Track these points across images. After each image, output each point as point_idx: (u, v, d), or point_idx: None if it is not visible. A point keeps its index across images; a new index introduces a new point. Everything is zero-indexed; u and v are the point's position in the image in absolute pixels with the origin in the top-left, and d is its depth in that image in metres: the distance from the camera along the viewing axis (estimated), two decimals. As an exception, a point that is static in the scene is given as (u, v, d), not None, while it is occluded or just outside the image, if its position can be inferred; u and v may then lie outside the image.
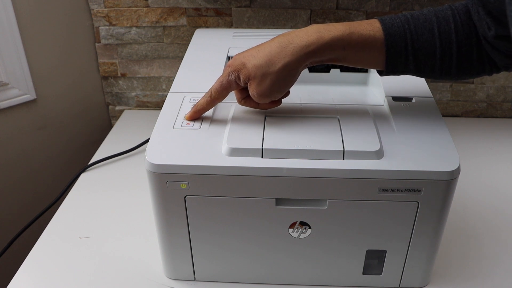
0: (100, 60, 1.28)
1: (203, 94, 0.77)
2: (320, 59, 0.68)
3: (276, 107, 0.75)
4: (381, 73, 0.71)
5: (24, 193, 1.25)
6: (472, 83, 1.25)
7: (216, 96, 0.72)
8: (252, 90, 0.69)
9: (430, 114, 0.76)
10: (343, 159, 0.67)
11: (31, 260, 0.85)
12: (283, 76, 0.68)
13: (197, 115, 0.74)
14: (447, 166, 0.66)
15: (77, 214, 0.96)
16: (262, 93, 0.68)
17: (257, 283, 0.80)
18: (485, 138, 1.21)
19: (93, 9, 1.21)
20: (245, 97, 0.73)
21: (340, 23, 0.68)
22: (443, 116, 0.75)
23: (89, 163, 1.10)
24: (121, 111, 1.35)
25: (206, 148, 0.69)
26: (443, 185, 0.67)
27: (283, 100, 0.76)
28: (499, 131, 1.24)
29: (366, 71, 0.91)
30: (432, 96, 0.80)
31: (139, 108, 1.36)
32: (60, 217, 0.95)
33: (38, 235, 0.90)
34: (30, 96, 1.18)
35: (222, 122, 0.74)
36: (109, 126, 1.37)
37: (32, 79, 1.17)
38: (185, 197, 0.70)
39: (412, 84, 0.83)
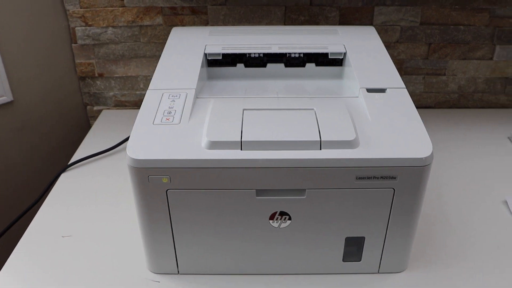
0: (77, 61, 1.28)
1: (182, 90, 0.78)
2: None
3: (254, 101, 0.77)
4: None
5: (3, 195, 1.25)
6: (444, 75, 1.28)
7: None
8: None
9: (403, 104, 0.78)
10: (320, 149, 0.69)
11: (15, 259, 0.85)
12: None
13: None
14: (420, 153, 0.69)
15: (58, 213, 0.96)
16: None
17: (240, 273, 0.82)
18: (458, 128, 1.24)
19: (68, 10, 1.21)
20: None
21: None
22: (417, 108, 0.77)
23: (69, 163, 1.10)
24: (99, 111, 1.36)
25: (187, 142, 0.70)
26: (417, 172, 0.69)
27: (261, 94, 0.77)
28: (471, 121, 1.27)
29: (340, 65, 0.94)
30: (404, 86, 0.82)
31: (117, 107, 1.36)
32: (41, 217, 0.95)
33: (19, 237, 0.90)
34: (7, 98, 1.17)
35: (201, 117, 0.75)
36: (88, 127, 1.37)
37: (9, 81, 1.16)
38: (167, 190, 0.71)
39: (385, 76, 0.85)
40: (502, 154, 1.14)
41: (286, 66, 0.94)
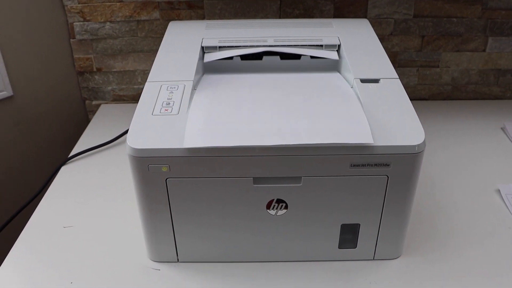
0: (76, 56, 1.29)
1: (180, 82, 0.80)
2: None
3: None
4: None
5: (4, 189, 1.26)
6: (438, 67, 1.30)
7: None
8: None
9: (396, 93, 0.80)
10: (316, 137, 0.71)
11: (17, 249, 0.87)
12: None
13: None
14: (413, 141, 0.70)
15: (59, 205, 0.98)
16: None
17: (238, 261, 0.83)
18: (452, 120, 1.26)
19: (67, 5, 1.22)
20: None
21: None
22: (411, 100, 0.79)
23: (69, 156, 1.12)
24: (98, 106, 1.37)
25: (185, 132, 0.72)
26: (410, 159, 0.71)
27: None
28: (465, 112, 1.29)
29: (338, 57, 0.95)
30: (398, 77, 0.84)
31: (115, 102, 1.38)
32: (42, 209, 0.97)
33: (20, 230, 0.92)
34: (7, 93, 1.19)
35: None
36: (87, 121, 1.39)
37: (9, 76, 1.18)
38: (166, 179, 0.73)
39: (379, 67, 0.87)
40: (495, 144, 1.16)
41: (281, 58, 0.95)
